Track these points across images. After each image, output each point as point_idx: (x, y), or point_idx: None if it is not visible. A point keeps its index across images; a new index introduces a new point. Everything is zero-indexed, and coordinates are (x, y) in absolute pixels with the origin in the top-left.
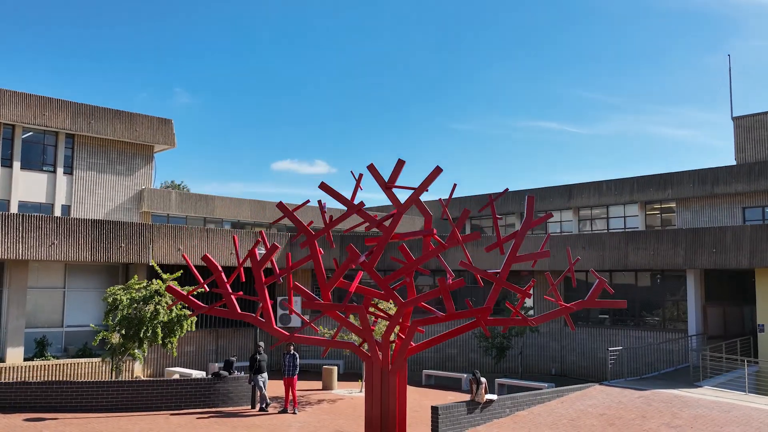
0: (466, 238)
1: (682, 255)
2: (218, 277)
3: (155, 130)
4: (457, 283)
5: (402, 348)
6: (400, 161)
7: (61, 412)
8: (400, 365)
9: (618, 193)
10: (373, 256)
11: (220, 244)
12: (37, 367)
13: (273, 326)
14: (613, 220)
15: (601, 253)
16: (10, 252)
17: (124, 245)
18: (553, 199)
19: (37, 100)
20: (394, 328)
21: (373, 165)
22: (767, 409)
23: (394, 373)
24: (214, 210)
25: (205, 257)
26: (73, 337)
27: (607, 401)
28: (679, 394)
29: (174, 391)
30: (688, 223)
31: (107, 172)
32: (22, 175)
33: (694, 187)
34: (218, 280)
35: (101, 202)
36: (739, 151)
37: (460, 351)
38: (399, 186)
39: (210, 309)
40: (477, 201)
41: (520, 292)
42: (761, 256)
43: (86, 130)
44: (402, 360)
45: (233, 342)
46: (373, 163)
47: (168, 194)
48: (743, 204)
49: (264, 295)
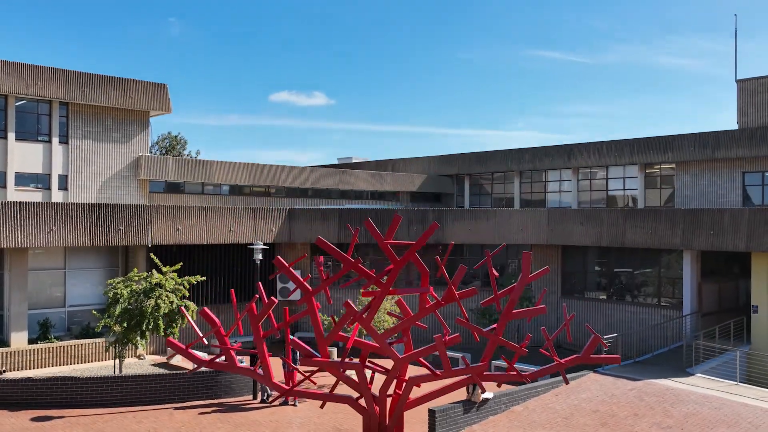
0: (463, 294)
1: (679, 235)
2: (217, 332)
3: (150, 95)
4: (453, 339)
5: (399, 403)
6: (397, 216)
7: (66, 408)
8: (398, 420)
9: (618, 155)
10: (371, 311)
11: (217, 222)
12: (41, 350)
13: (272, 381)
14: (612, 181)
15: (599, 229)
16: (9, 240)
17: (122, 228)
18: (552, 159)
19: (29, 69)
20: (392, 382)
21: (370, 221)
22: (756, 405)
23: (392, 429)
24: (212, 175)
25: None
26: (75, 316)
27: (600, 395)
28: (672, 386)
29: (177, 384)
30: (688, 187)
31: (103, 140)
32: (17, 147)
33: (694, 151)
34: (217, 335)
35: (98, 170)
36: (742, 114)
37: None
38: (396, 242)
39: (210, 363)
40: (475, 159)
41: (515, 348)
42: (758, 240)
43: (80, 98)
44: (400, 415)
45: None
46: (369, 219)
47: (165, 161)
48: (743, 168)
49: (262, 349)
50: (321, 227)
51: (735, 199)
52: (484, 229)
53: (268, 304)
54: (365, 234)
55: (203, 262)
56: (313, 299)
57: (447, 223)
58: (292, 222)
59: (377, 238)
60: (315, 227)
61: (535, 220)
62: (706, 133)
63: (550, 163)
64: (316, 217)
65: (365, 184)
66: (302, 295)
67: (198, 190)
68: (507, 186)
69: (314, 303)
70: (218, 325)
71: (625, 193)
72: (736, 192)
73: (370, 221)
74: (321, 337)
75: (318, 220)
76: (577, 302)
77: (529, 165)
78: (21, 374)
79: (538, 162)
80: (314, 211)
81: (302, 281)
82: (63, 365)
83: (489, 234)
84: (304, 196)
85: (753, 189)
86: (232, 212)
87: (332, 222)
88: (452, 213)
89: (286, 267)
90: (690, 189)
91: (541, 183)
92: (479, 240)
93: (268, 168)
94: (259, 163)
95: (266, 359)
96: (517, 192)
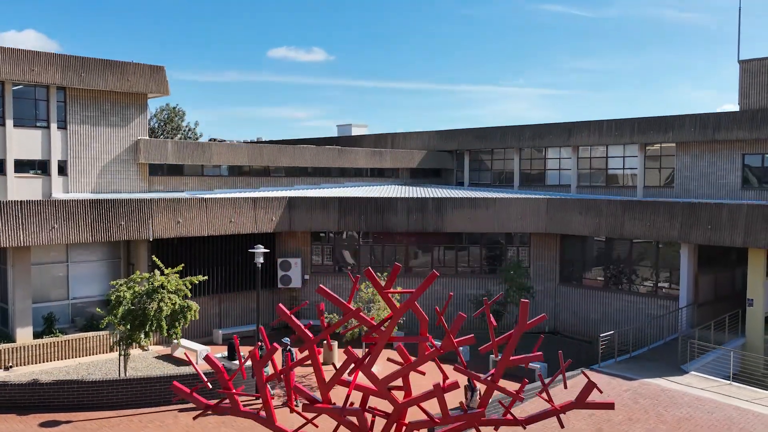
0: (461, 342)
1: (677, 228)
2: (221, 377)
3: (148, 78)
4: (451, 385)
5: None
6: (397, 266)
7: (73, 411)
8: None
9: (618, 134)
10: (371, 357)
11: (218, 214)
12: (46, 344)
13: (275, 424)
14: (612, 159)
15: (598, 219)
16: (11, 239)
17: (123, 223)
18: (552, 137)
19: (25, 54)
20: (392, 426)
21: (371, 270)
22: (748, 408)
23: None
24: (212, 157)
25: (207, 357)
26: (79, 309)
27: (596, 396)
28: (666, 387)
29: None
30: (688, 167)
31: (101, 124)
32: (15, 133)
33: (695, 132)
34: (220, 380)
35: (97, 155)
36: (743, 96)
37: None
38: (395, 291)
39: (215, 406)
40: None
41: (512, 395)
42: (755, 236)
43: (77, 83)
44: None
45: (235, 304)
46: (370, 268)
47: (164, 144)
48: (743, 150)
49: (265, 393)
50: (321, 215)
51: (734, 181)
52: (484, 217)
53: (270, 350)
54: (366, 221)
55: (204, 253)
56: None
57: (446, 211)
58: (292, 211)
59: (377, 288)
60: (315, 216)
61: (534, 208)
62: (707, 114)
63: (549, 141)
64: (315, 206)
65: (365, 161)
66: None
67: (198, 172)
68: (507, 162)
69: (316, 350)
70: (222, 371)
71: (625, 172)
72: (736, 174)
73: (370, 270)
74: (323, 383)
75: (318, 209)
76: (575, 290)
77: (529, 142)
78: (27, 369)
79: (538, 140)
80: (314, 200)
81: (303, 329)
82: (68, 359)
83: (488, 222)
84: (303, 174)
85: (752, 171)
86: (232, 203)
87: (332, 210)
88: (451, 201)
89: (287, 314)
90: (690, 170)
91: (541, 160)
92: (478, 228)
93: (268, 148)
94: (257, 143)
95: (269, 402)
96: (517, 168)
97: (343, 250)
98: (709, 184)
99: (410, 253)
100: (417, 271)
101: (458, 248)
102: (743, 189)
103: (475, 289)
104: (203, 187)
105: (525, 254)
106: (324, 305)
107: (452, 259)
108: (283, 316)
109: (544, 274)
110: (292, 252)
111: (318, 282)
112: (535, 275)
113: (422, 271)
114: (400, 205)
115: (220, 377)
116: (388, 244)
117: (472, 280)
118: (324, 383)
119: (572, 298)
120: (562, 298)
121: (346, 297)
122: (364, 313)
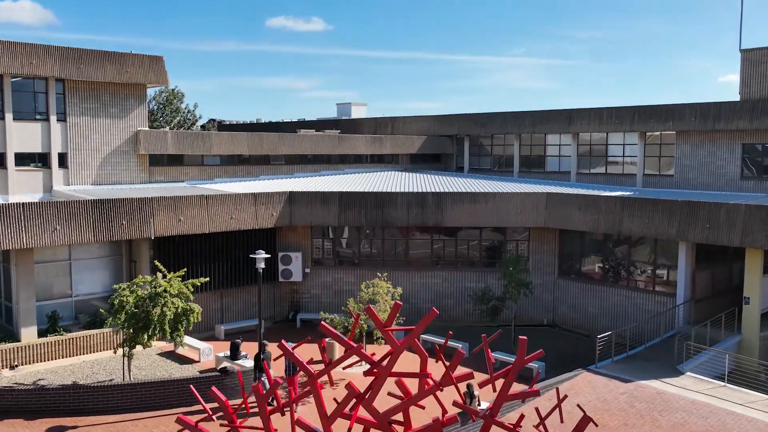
0: (459, 378)
1: (675, 226)
2: (225, 411)
3: (146, 68)
4: (450, 420)
5: None
6: (397, 304)
7: (79, 416)
8: None
9: (618, 122)
10: (372, 393)
11: (219, 210)
12: (51, 343)
13: None
14: (612, 147)
15: (596, 216)
16: (14, 242)
17: (125, 222)
18: (552, 124)
19: (23, 47)
20: None
21: (371, 308)
22: (742, 413)
23: None
24: (212, 147)
25: (212, 391)
26: (82, 305)
27: (593, 400)
28: (662, 390)
29: (184, 389)
30: (687, 156)
31: (101, 115)
32: (15, 126)
33: (695, 121)
34: (225, 414)
35: (97, 147)
36: (745, 85)
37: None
38: (396, 328)
39: None
40: (475, 120)
41: (510, 429)
42: (753, 236)
43: (76, 75)
44: None
45: (237, 299)
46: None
47: (164, 135)
48: (743, 140)
49: (269, 427)
50: (321, 210)
51: (734, 171)
52: (483, 211)
53: (273, 384)
54: (366, 215)
55: (205, 249)
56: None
57: (446, 205)
58: (292, 206)
59: (378, 325)
60: (315, 210)
61: (533, 203)
62: (708, 103)
63: (549, 128)
64: (316, 201)
65: (365, 148)
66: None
67: (198, 162)
68: (507, 148)
69: (319, 384)
70: (226, 405)
71: (624, 159)
72: (735, 164)
73: (371, 308)
74: (325, 417)
75: (318, 204)
76: (574, 284)
77: (529, 129)
78: (33, 368)
79: (538, 126)
80: (314, 194)
81: (305, 364)
82: (73, 356)
83: (488, 216)
84: (304, 162)
85: (751, 161)
86: (233, 199)
87: (332, 205)
88: (451, 196)
89: (289, 351)
90: (689, 159)
91: (541, 146)
92: (478, 223)
93: (268, 137)
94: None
95: None
96: (517, 154)
97: (344, 244)
98: (709, 173)
99: (410, 246)
100: (416, 265)
101: (458, 242)
102: (742, 179)
103: (474, 282)
104: (204, 176)
105: (524, 248)
106: (325, 339)
107: (452, 252)
108: (285, 353)
109: (543, 268)
110: (292, 246)
111: (318, 276)
112: (533, 268)
113: (422, 264)
114: (401, 199)
115: (225, 411)
116: (388, 238)
117: (471, 273)
118: (326, 418)
119: (571, 292)
120: (560, 291)
121: (345, 291)
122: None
